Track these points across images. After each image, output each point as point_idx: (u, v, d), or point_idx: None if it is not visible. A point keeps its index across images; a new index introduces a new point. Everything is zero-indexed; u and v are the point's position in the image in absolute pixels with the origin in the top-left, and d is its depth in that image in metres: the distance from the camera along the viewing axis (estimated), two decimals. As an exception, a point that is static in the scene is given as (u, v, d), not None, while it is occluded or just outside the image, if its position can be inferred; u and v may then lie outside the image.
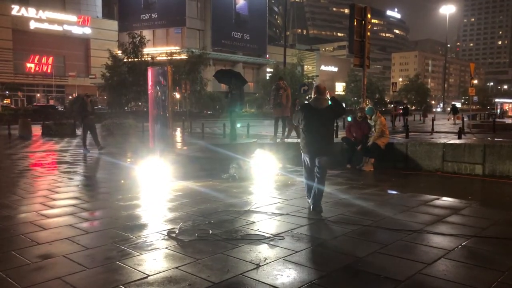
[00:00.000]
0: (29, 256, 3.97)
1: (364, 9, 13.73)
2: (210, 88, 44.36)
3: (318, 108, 5.63)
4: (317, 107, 5.64)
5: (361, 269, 3.70)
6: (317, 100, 5.66)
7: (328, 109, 5.65)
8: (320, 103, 5.64)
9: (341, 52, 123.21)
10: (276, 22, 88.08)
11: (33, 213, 5.57)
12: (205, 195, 6.75)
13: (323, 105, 5.63)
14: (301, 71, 48.03)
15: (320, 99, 5.66)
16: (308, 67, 63.18)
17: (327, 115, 5.65)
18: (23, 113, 30.54)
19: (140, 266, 3.75)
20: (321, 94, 5.68)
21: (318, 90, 5.71)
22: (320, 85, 5.93)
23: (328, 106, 5.67)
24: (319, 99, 5.66)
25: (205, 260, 3.92)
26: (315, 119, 5.60)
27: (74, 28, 57.72)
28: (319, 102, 5.65)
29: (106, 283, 3.42)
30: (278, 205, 6.06)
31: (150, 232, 4.76)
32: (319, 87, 5.77)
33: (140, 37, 39.23)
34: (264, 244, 4.37)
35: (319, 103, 5.64)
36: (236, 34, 60.76)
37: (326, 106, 5.65)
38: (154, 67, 9.70)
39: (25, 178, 8.43)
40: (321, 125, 5.61)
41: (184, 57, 42.71)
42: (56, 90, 56.59)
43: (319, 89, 5.73)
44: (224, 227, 4.96)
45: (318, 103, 5.65)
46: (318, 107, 5.63)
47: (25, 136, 18.31)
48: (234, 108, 11.35)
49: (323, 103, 5.65)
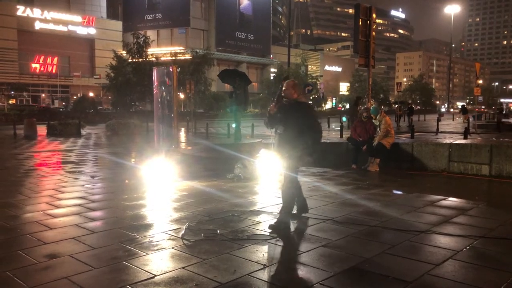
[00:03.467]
0: (36, 255, 3.97)
1: (369, 9, 13.70)
2: (214, 88, 44.41)
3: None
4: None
5: (368, 270, 3.68)
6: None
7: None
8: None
9: (345, 52, 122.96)
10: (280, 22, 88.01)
11: (39, 212, 5.58)
12: (210, 195, 6.74)
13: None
14: (305, 71, 48.01)
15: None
16: (312, 67, 63.12)
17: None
18: (28, 113, 30.66)
19: (146, 266, 3.75)
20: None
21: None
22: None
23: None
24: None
25: (211, 260, 3.91)
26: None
27: (79, 29, 57.89)
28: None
29: (113, 283, 3.41)
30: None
31: (156, 232, 4.75)
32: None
33: (145, 37, 39.35)
34: (269, 244, 4.35)
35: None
36: (240, 34, 60.78)
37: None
38: (159, 67, 9.70)
39: (31, 178, 8.46)
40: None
41: (188, 57, 42.77)
42: (61, 90, 56.79)
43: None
44: (230, 227, 4.94)
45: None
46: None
47: (30, 136, 18.38)
48: (239, 108, 11.37)
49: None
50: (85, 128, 23.11)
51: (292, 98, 4.96)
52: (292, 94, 4.96)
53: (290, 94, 4.96)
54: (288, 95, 4.99)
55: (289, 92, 4.96)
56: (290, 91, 4.96)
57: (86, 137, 18.99)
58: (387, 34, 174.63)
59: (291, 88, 4.97)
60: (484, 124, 22.54)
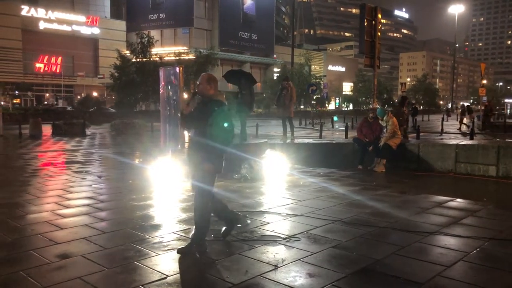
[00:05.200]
0: (48, 255, 3.99)
1: (375, 9, 13.71)
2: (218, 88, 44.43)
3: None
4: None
5: (379, 271, 3.69)
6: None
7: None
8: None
9: (348, 52, 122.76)
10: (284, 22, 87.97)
11: (49, 212, 5.61)
12: (218, 195, 6.73)
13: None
14: (309, 71, 47.99)
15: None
16: (315, 67, 62.98)
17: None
18: (33, 113, 30.77)
19: (158, 266, 3.77)
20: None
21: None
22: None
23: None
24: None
25: (222, 260, 3.92)
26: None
27: (83, 28, 58.04)
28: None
29: (126, 283, 3.44)
30: (292, 205, 6.06)
31: (166, 232, 4.77)
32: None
33: (148, 37, 39.39)
34: (280, 245, 4.36)
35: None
36: (244, 34, 60.80)
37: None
38: (166, 67, 9.72)
39: (39, 178, 8.50)
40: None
41: (192, 57, 42.79)
42: (65, 90, 56.97)
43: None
44: (239, 227, 4.95)
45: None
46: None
47: (36, 136, 18.45)
48: (244, 108, 11.37)
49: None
50: (90, 128, 23.18)
51: (208, 94, 4.17)
52: (207, 90, 4.16)
53: (205, 90, 4.16)
54: (202, 91, 4.18)
55: (204, 87, 4.15)
56: (205, 86, 4.15)
57: (91, 137, 19.05)
58: (390, 34, 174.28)
59: (206, 83, 4.16)
60: (489, 124, 22.46)
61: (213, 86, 4.17)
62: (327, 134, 15.40)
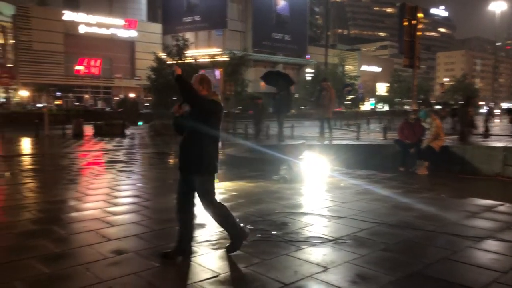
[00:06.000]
0: (104, 251, 4.16)
1: (415, 8, 13.41)
2: (251, 89, 44.64)
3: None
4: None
5: (431, 275, 3.63)
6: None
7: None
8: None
9: (383, 52, 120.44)
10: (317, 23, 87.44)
11: (99, 210, 5.83)
12: (259, 195, 6.82)
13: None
14: (343, 72, 47.44)
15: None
16: (349, 67, 62.17)
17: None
18: (74, 113, 31.91)
19: (209, 265, 3.85)
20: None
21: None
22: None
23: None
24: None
25: (271, 261, 3.96)
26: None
27: (121, 31, 59.70)
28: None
29: (180, 280, 3.54)
30: (334, 207, 6.03)
31: (213, 231, 4.86)
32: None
33: (184, 40, 40.11)
34: (327, 247, 4.36)
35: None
36: (277, 35, 60.75)
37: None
38: (206, 69, 9.90)
39: (85, 177, 8.83)
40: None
41: (226, 59, 43.19)
42: (103, 91, 58.80)
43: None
44: (284, 228, 4.99)
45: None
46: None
47: (78, 136, 19.13)
48: (282, 109, 11.41)
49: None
50: (129, 129, 23.80)
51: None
52: (200, 91, 3.93)
53: (198, 90, 3.94)
54: None
55: (196, 88, 3.94)
56: (198, 87, 3.94)
57: (131, 137, 19.57)
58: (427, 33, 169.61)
59: (198, 83, 3.96)
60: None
61: (206, 86, 3.99)
62: (363, 135, 15.19)
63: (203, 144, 3.89)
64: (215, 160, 4.00)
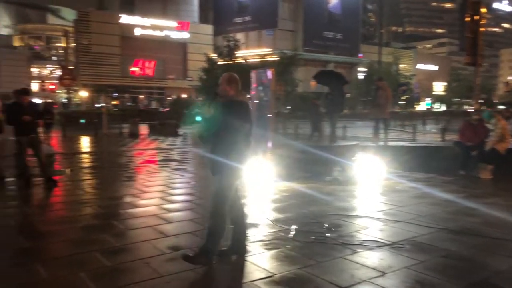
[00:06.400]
0: (161, 247, 4.28)
1: (477, 3, 12.72)
2: (301, 89, 44.39)
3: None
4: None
5: (498, 285, 3.41)
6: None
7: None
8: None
9: (440, 49, 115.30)
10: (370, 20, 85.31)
11: (156, 207, 6.01)
12: (311, 197, 6.74)
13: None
14: (397, 70, 46.00)
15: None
16: (404, 66, 60.12)
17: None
18: (130, 113, 33.25)
19: (263, 264, 3.85)
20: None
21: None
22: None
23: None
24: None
25: (326, 263, 3.90)
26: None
27: (174, 33, 61.44)
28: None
29: (235, 278, 3.57)
30: (391, 211, 5.83)
31: (266, 232, 4.86)
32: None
33: (235, 40, 40.61)
34: (384, 251, 4.22)
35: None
36: (328, 33, 59.94)
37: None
38: (258, 69, 9.94)
39: (142, 174, 9.16)
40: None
41: (276, 59, 43.23)
42: (157, 92, 60.84)
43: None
44: (338, 231, 4.89)
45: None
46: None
47: (134, 134, 19.91)
48: (335, 109, 11.22)
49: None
50: (181, 128, 24.43)
51: (228, 96, 3.90)
52: (227, 91, 3.89)
53: (225, 91, 3.89)
54: (222, 92, 3.92)
55: (223, 88, 3.90)
56: (224, 87, 3.89)
57: (184, 137, 20.09)
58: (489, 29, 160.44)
59: (225, 84, 3.89)
60: None
61: (233, 87, 3.89)
62: (419, 136, 14.62)
63: (226, 147, 3.81)
64: (240, 164, 3.87)
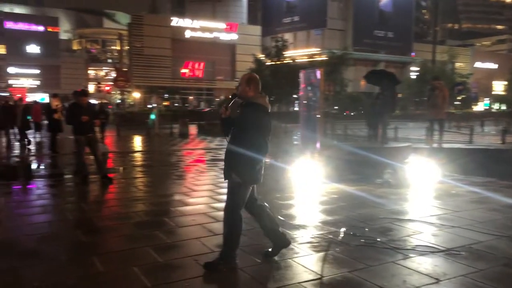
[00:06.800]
0: (210, 244, 4.35)
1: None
2: (350, 89, 43.63)
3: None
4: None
5: None
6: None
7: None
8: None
9: (500, 46, 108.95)
10: (423, 17, 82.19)
11: (204, 205, 6.12)
12: (361, 199, 6.59)
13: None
14: (452, 69, 44.01)
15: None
16: (460, 64, 57.36)
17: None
18: (180, 114, 34.11)
19: (312, 266, 3.81)
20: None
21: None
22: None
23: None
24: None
25: (376, 267, 3.79)
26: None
27: (222, 35, 62.34)
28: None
29: (283, 278, 3.55)
30: (445, 216, 5.58)
31: (314, 233, 4.80)
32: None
33: (283, 40, 40.63)
34: (438, 257, 4.04)
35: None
36: (379, 32, 58.48)
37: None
38: (306, 69, 9.86)
39: (191, 173, 9.36)
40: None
41: (325, 58, 42.75)
42: (206, 93, 62.05)
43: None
44: (389, 235, 4.74)
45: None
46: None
47: (184, 134, 20.41)
48: (386, 110, 10.91)
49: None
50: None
51: (247, 97, 3.76)
52: (246, 91, 3.75)
53: (244, 91, 3.76)
54: (241, 93, 3.78)
55: (243, 89, 3.76)
56: (244, 88, 3.76)
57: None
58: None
59: (245, 84, 3.76)
60: None
61: (253, 87, 3.75)
62: (476, 138, 13.88)
63: (242, 150, 3.69)
64: (253, 168, 3.76)
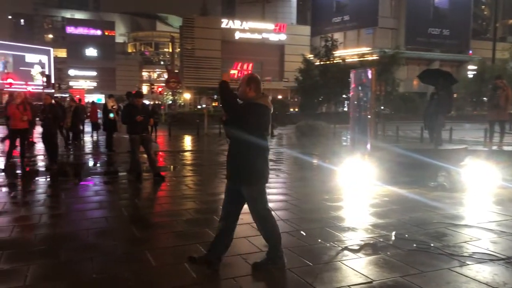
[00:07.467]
0: (258, 244, 4.37)
1: None
2: (402, 88, 42.29)
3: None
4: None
5: None
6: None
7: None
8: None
9: None
10: (482, 14, 77.96)
11: (253, 204, 6.16)
12: (414, 202, 6.37)
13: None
14: (514, 68, 41.46)
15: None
16: (522, 62, 53.92)
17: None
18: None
19: (362, 269, 3.73)
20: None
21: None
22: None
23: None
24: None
25: (430, 273, 3.65)
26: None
27: (271, 36, 62.53)
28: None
29: (333, 281, 3.50)
30: (506, 222, 5.28)
31: (364, 236, 4.71)
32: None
33: (332, 40, 40.13)
34: (498, 266, 3.83)
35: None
36: (434, 30, 56.23)
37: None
38: (357, 69, 9.69)
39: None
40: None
41: (376, 58, 41.71)
42: (254, 93, 62.53)
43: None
44: (444, 240, 4.55)
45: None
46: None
47: (232, 135, 20.65)
48: (441, 110, 10.48)
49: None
50: (276, 129, 24.78)
51: (247, 98, 3.61)
52: (246, 92, 3.61)
53: (244, 92, 3.62)
54: (241, 94, 3.64)
55: (243, 90, 3.62)
56: (244, 89, 3.61)
57: (278, 137, 20.36)
58: None
59: (245, 85, 3.61)
60: None
61: (253, 87, 3.61)
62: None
63: (247, 152, 3.58)
64: (261, 168, 3.66)
